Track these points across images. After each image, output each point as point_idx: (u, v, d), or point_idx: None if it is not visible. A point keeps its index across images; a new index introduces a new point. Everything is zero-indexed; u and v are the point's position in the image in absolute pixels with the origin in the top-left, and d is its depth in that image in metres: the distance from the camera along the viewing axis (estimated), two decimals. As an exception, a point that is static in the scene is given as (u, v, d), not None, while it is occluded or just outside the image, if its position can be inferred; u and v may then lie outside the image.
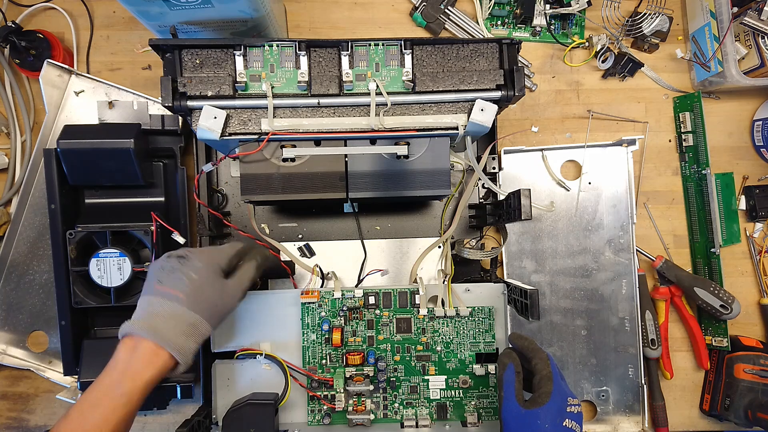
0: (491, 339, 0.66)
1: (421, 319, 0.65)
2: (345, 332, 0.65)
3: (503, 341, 0.66)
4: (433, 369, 0.65)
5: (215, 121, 0.53)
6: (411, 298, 0.65)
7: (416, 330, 0.65)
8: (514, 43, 0.56)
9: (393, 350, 0.65)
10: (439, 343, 0.65)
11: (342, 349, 0.65)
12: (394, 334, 0.65)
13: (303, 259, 0.72)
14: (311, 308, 0.65)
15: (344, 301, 0.65)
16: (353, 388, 0.63)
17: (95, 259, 0.64)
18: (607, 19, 0.75)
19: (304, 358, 0.65)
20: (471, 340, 0.65)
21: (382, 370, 0.63)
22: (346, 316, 0.65)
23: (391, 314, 0.65)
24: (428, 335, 0.65)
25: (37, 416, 0.73)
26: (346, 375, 0.64)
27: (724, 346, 0.74)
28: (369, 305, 0.65)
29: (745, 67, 0.72)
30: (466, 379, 0.65)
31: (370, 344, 0.65)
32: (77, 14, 0.74)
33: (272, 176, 0.56)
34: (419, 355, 0.65)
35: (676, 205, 0.77)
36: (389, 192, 0.57)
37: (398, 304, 0.65)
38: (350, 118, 0.55)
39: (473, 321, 0.65)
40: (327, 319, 0.65)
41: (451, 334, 0.65)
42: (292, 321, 0.65)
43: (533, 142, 0.76)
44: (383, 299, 0.65)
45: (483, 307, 0.65)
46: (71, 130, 0.64)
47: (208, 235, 0.69)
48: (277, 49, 0.54)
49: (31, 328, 0.71)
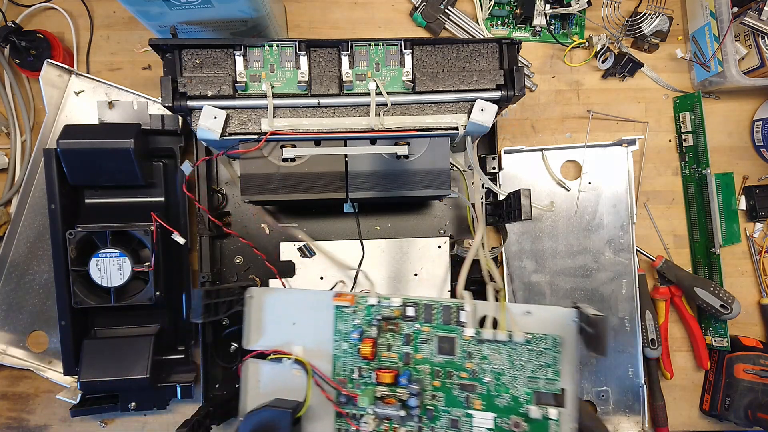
0: (554, 376, 0.53)
1: (467, 341, 0.55)
2: (379, 345, 0.57)
3: (570, 381, 0.54)
4: (479, 403, 0.55)
5: (215, 121, 0.53)
6: (456, 314, 0.56)
7: (461, 353, 0.55)
8: (514, 43, 0.56)
9: (432, 373, 0.56)
10: (487, 373, 0.55)
11: (374, 363, 0.57)
12: (434, 355, 0.56)
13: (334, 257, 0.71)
14: (345, 314, 0.58)
15: (380, 309, 0.57)
16: (382, 410, 0.55)
17: (95, 259, 0.64)
18: (607, 19, 0.75)
19: (335, 369, 0.58)
20: (528, 375, 0.54)
21: (414, 394, 0.54)
22: (381, 326, 0.57)
23: (433, 331, 0.56)
24: (475, 361, 0.55)
25: (37, 416, 0.73)
26: (376, 394, 0.56)
27: (724, 346, 0.74)
28: (407, 317, 0.56)
29: (745, 67, 0.72)
30: (519, 421, 0.53)
31: (407, 363, 0.56)
32: (77, 14, 0.74)
33: (272, 176, 0.56)
34: (463, 384, 0.55)
35: (676, 205, 0.77)
36: (389, 192, 0.57)
37: (441, 319, 0.56)
38: (350, 118, 0.55)
39: (532, 351, 0.54)
40: (360, 327, 0.57)
41: (503, 363, 0.54)
42: (327, 325, 0.59)
43: (533, 142, 0.76)
44: (424, 312, 0.56)
45: (546, 336, 0.54)
46: (71, 130, 0.64)
47: (208, 235, 0.69)
48: (277, 49, 0.54)
49: (31, 328, 0.71)
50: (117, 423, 0.73)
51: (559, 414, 0.53)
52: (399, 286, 0.71)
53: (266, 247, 0.72)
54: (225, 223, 0.72)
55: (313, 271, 0.72)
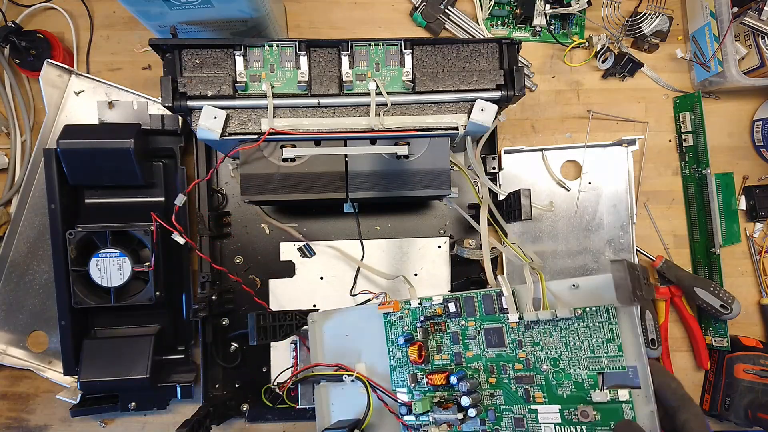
0: (617, 352, 0.46)
1: (514, 329, 0.50)
2: (430, 348, 0.55)
3: (637, 356, 0.46)
4: (540, 395, 0.49)
5: (215, 121, 0.53)
6: (498, 301, 0.51)
7: (511, 343, 0.51)
8: (514, 43, 0.56)
9: (487, 370, 0.52)
10: (543, 361, 0.49)
11: (427, 367, 0.54)
12: (484, 349, 0.52)
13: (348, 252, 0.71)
14: (393, 321, 0.57)
15: (423, 310, 0.55)
16: (440, 416, 0.51)
17: (95, 259, 0.64)
18: (607, 19, 0.75)
19: (393, 379, 0.56)
20: (588, 355, 0.47)
21: (465, 392, 0.50)
22: (427, 328, 0.55)
23: (478, 324, 0.52)
24: (527, 349, 0.50)
25: (37, 416, 0.73)
26: (434, 400, 0.52)
27: (724, 346, 0.74)
28: (450, 314, 0.53)
29: (745, 67, 0.72)
30: (588, 410, 0.46)
31: (459, 362, 0.53)
32: (77, 14, 0.74)
33: (272, 176, 0.56)
34: (519, 376, 0.50)
35: (676, 205, 0.77)
36: (389, 192, 0.57)
37: (484, 310, 0.52)
38: (350, 118, 0.55)
39: (587, 328, 0.47)
40: (408, 333, 0.55)
41: (558, 347, 0.48)
42: (380, 337, 0.57)
43: (533, 142, 0.76)
44: (465, 305, 0.53)
45: (599, 308, 0.46)
46: (71, 130, 0.64)
47: (208, 235, 0.69)
48: (277, 49, 0.54)
49: (31, 328, 0.71)
50: (117, 423, 0.73)
51: (631, 395, 0.45)
52: (399, 286, 0.71)
53: (266, 247, 0.72)
54: (225, 222, 0.72)
55: (313, 271, 0.72)
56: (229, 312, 0.71)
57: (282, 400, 0.67)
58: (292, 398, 0.66)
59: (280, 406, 0.68)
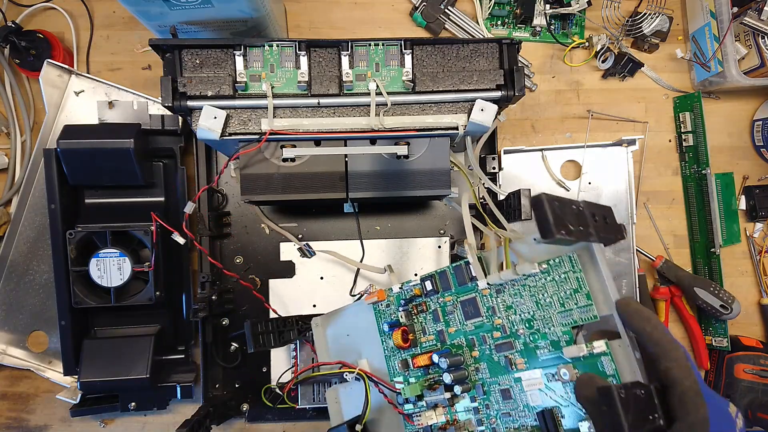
0: (586, 301, 0.43)
1: (487, 296, 0.49)
2: (416, 331, 0.54)
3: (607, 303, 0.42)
4: (520, 361, 0.47)
5: (215, 121, 0.53)
6: (467, 271, 0.51)
7: (486, 311, 0.50)
8: (514, 43, 0.55)
9: (469, 344, 0.51)
10: (518, 324, 0.47)
11: (417, 351, 0.55)
12: (464, 323, 0.51)
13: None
14: (382, 311, 0.57)
15: (404, 294, 0.55)
16: (430, 398, 0.51)
17: (95, 259, 0.64)
18: (607, 19, 0.75)
19: (389, 369, 0.56)
20: (559, 310, 0.45)
21: (446, 369, 0.50)
22: (410, 311, 0.55)
23: (455, 298, 0.52)
24: (502, 314, 0.48)
25: (37, 416, 0.73)
26: (425, 383, 0.52)
27: (724, 346, 0.74)
28: (428, 292, 0.53)
29: (745, 67, 0.72)
30: (568, 369, 0.43)
31: (443, 341, 0.53)
32: (77, 14, 0.74)
33: (272, 176, 0.56)
34: (499, 344, 0.49)
35: (676, 205, 0.77)
36: (389, 192, 0.57)
37: (457, 282, 0.52)
38: (350, 118, 0.55)
39: (554, 282, 0.45)
40: (393, 319, 0.55)
41: (530, 307, 0.47)
42: (374, 329, 0.57)
43: (533, 142, 0.76)
44: (440, 281, 0.52)
45: (561, 258, 0.44)
46: (71, 130, 0.64)
47: (208, 235, 0.69)
48: (277, 49, 0.54)
49: (31, 328, 0.71)
50: (117, 423, 0.73)
51: (609, 346, 0.41)
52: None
53: (266, 247, 0.72)
54: (225, 222, 0.72)
55: (313, 271, 0.72)
56: (229, 312, 0.71)
57: (282, 400, 0.67)
58: (292, 398, 0.66)
59: (280, 406, 0.68)
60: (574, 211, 0.39)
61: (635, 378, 0.40)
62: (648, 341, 0.37)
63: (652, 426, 0.34)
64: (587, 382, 0.37)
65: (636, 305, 0.38)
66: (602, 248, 0.43)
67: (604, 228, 0.41)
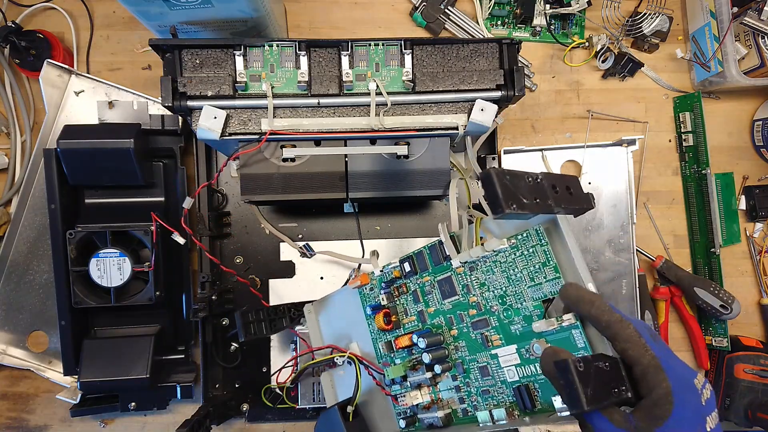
0: (555, 274, 0.44)
1: (461, 274, 0.50)
2: (399, 313, 0.55)
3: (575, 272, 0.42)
4: (496, 338, 0.48)
5: (215, 121, 0.53)
6: (442, 250, 0.51)
7: (461, 290, 0.50)
8: (514, 43, 0.55)
9: (448, 323, 0.51)
10: (492, 300, 0.48)
11: (399, 332, 0.55)
12: (441, 303, 0.52)
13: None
14: (367, 294, 0.57)
15: (385, 276, 0.55)
16: (413, 378, 0.52)
17: (95, 259, 0.64)
18: (607, 19, 0.75)
19: (377, 352, 0.57)
20: (529, 284, 0.45)
21: (424, 349, 0.50)
22: (391, 293, 0.55)
23: (432, 278, 0.52)
24: (476, 292, 0.49)
25: (37, 416, 0.73)
26: (408, 364, 0.53)
27: (724, 346, 0.74)
28: (407, 274, 0.53)
29: (745, 67, 0.72)
30: (540, 344, 0.44)
31: (424, 321, 0.53)
32: (77, 14, 0.74)
33: (272, 176, 0.56)
34: (475, 322, 0.49)
35: (676, 205, 0.77)
36: (389, 192, 0.57)
37: (433, 261, 0.52)
38: (350, 118, 0.55)
39: (522, 256, 0.45)
40: (376, 302, 0.56)
41: (502, 283, 0.47)
42: (360, 312, 0.58)
43: (533, 142, 0.76)
44: (418, 262, 0.53)
45: (528, 232, 0.45)
46: (71, 130, 0.64)
47: (208, 235, 0.69)
48: (277, 49, 0.54)
49: (31, 328, 0.71)
50: (117, 423, 0.73)
51: (578, 318, 0.41)
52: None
53: (266, 247, 0.72)
54: (225, 222, 0.72)
55: (313, 271, 0.72)
56: (229, 312, 0.71)
57: (282, 400, 0.67)
58: (292, 398, 0.66)
59: (280, 406, 0.68)
60: (529, 183, 0.39)
61: (608, 350, 0.39)
62: (597, 326, 0.36)
63: (618, 398, 0.34)
64: (551, 356, 0.36)
65: (577, 290, 0.38)
66: (568, 219, 0.43)
67: (567, 199, 0.40)
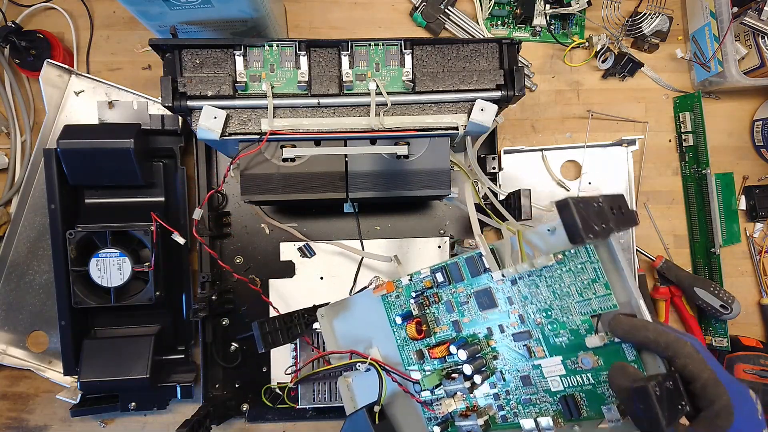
0: (605, 291, 0.44)
1: (501, 287, 0.50)
2: (429, 321, 0.54)
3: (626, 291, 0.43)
4: (540, 349, 0.48)
5: (215, 121, 0.53)
6: (480, 262, 0.51)
7: (504, 302, 0.50)
8: (514, 43, 0.55)
9: (486, 333, 0.51)
10: (536, 314, 0.48)
11: (432, 341, 0.54)
12: (479, 313, 0.51)
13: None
14: (392, 302, 0.56)
15: (414, 286, 0.55)
16: (449, 387, 0.51)
17: (95, 259, 0.64)
18: (607, 19, 0.75)
19: (403, 359, 0.56)
20: (577, 300, 0.45)
21: (466, 361, 0.50)
22: (422, 302, 0.55)
23: (468, 289, 0.51)
24: (518, 305, 0.49)
25: (37, 416, 0.73)
26: (442, 373, 0.53)
27: (724, 346, 0.74)
28: (439, 284, 0.53)
29: (745, 67, 0.72)
30: (588, 357, 0.45)
31: (459, 331, 0.53)
32: (77, 14, 0.74)
33: (272, 176, 0.56)
34: (516, 334, 0.49)
35: (676, 205, 0.77)
36: (389, 192, 0.57)
37: (470, 273, 0.51)
38: (350, 118, 0.55)
39: (570, 272, 0.45)
40: (405, 311, 0.55)
41: (547, 297, 0.47)
42: (384, 319, 0.57)
43: (533, 142, 0.76)
44: (452, 272, 0.52)
45: (578, 249, 0.45)
46: (71, 130, 0.64)
47: (208, 235, 0.69)
48: (277, 49, 0.54)
49: (31, 328, 0.71)
50: (117, 423, 0.73)
51: None
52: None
53: (266, 247, 0.72)
54: (225, 222, 0.72)
55: (313, 271, 0.72)
56: (229, 312, 0.71)
57: (282, 400, 0.67)
58: (292, 398, 0.66)
59: (280, 406, 0.68)
60: (596, 209, 0.40)
61: (656, 362, 0.41)
62: (656, 348, 0.38)
63: (682, 413, 0.36)
64: (620, 372, 0.38)
65: (625, 323, 0.40)
66: (618, 236, 0.43)
67: (621, 219, 0.42)
